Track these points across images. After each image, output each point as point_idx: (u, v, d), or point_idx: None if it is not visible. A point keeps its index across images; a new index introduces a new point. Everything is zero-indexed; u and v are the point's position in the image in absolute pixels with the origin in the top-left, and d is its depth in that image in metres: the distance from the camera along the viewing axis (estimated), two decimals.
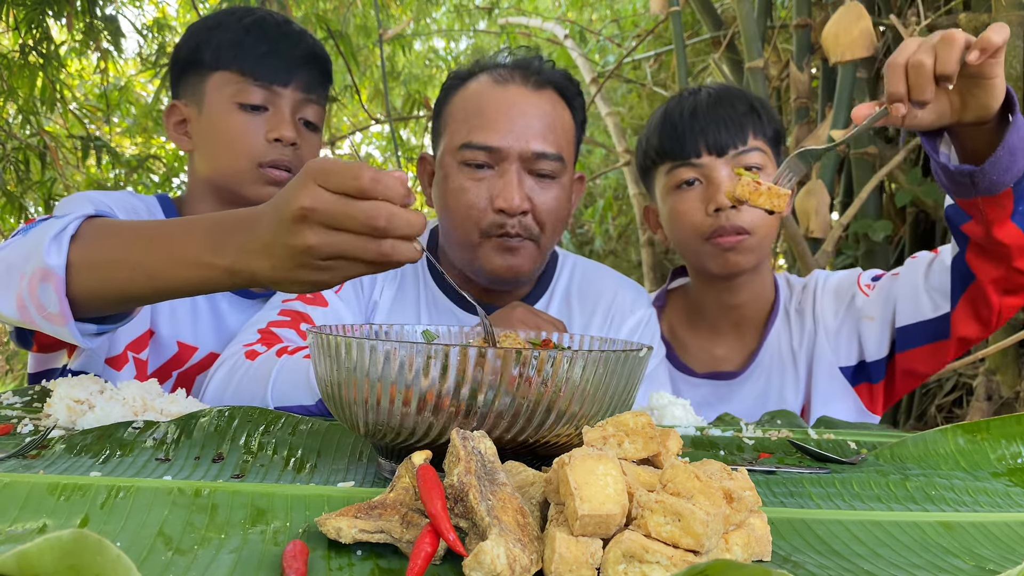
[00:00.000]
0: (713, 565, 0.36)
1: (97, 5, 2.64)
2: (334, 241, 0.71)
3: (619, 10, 4.46)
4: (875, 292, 1.34)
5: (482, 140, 1.18)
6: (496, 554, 0.44)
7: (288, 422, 0.80)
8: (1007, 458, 0.80)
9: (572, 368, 0.61)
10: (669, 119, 1.35)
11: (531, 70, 1.23)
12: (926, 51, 0.92)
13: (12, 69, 2.59)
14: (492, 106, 1.20)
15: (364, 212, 0.69)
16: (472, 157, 1.19)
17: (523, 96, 1.20)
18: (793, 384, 1.41)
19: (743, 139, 1.31)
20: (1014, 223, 1.07)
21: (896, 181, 2.48)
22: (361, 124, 4.87)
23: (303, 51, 1.28)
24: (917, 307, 1.26)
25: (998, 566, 0.54)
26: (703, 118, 1.31)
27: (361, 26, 3.84)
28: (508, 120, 1.18)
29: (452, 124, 1.23)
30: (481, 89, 1.22)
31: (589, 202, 4.57)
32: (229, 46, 1.25)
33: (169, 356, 1.28)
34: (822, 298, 1.40)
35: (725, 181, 1.29)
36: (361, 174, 0.70)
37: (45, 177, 2.87)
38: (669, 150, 1.34)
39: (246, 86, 1.24)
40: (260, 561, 0.48)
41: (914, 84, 0.92)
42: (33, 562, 0.34)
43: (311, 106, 1.29)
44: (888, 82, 0.93)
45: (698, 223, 1.31)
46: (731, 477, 0.52)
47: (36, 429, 0.79)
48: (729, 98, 1.35)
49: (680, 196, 1.34)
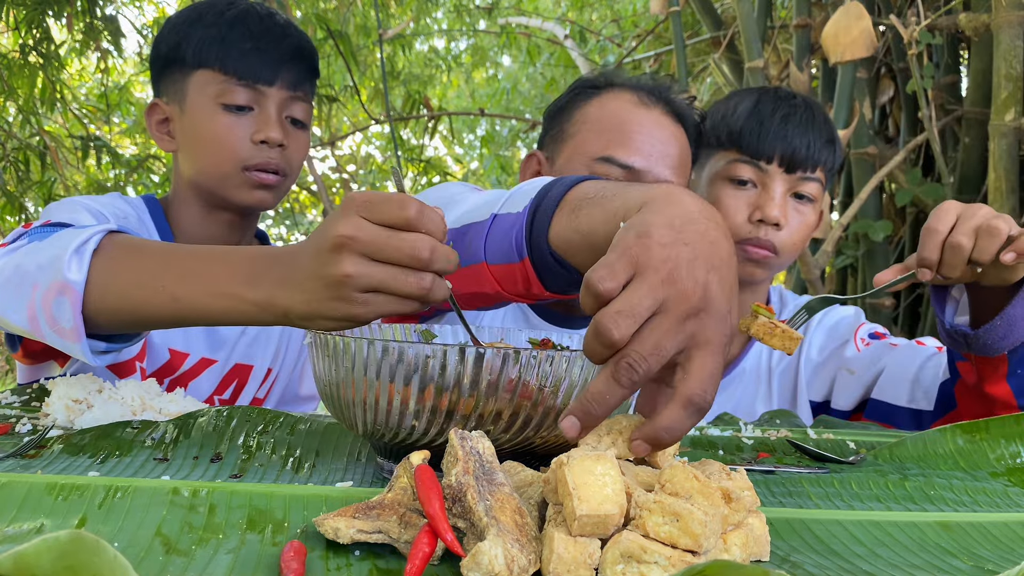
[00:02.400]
0: (712, 565, 0.36)
1: (97, 5, 2.64)
2: (373, 272, 0.68)
3: (619, 10, 4.46)
4: (867, 351, 1.34)
5: (623, 157, 1.19)
6: (494, 554, 0.44)
7: (287, 422, 0.80)
8: (1006, 458, 0.80)
9: (571, 368, 0.61)
10: (759, 114, 1.30)
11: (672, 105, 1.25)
12: (967, 234, 0.93)
13: (12, 69, 2.59)
14: (639, 128, 1.21)
15: (409, 243, 0.67)
16: (606, 172, 1.19)
17: (666, 126, 1.23)
18: (764, 402, 1.42)
19: (814, 166, 1.29)
20: (1008, 384, 1.07)
21: (896, 181, 2.48)
22: (361, 124, 4.87)
23: (289, 47, 1.22)
24: (896, 391, 1.27)
25: (997, 566, 0.54)
26: (792, 130, 1.29)
27: (361, 26, 3.84)
28: (651, 144, 1.20)
29: (584, 132, 1.24)
30: (626, 107, 1.23)
31: None
32: (211, 43, 1.19)
33: (162, 363, 1.25)
34: (816, 330, 1.40)
35: (779, 198, 1.28)
36: (408, 205, 0.67)
37: (45, 177, 2.87)
38: (746, 144, 1.30)
39: (230, 86, 1.19)
40: (258, 561, 0.48)
41: (947, 261, 0.94)
42: (30, 563, 0.34)
43: (299, 103, 1.24)
44: (923, 247, 0.95)
45: (738, 224, 1.29)
46: (729, 477, 0.52)
47: (34, 428, 0.79)
48: (819, 121, 1.32)
49: (729, 191, 1.31)
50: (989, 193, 2.03)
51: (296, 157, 1.24)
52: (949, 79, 2.45)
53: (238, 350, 1.33)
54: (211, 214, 1.26)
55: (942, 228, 0.94)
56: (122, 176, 3.29)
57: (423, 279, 0.68)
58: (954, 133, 2.46)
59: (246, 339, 1.33)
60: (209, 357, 1.29)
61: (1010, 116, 1.98)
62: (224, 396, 1.32)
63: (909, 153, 2.37)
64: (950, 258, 0.94)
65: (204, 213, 1.26)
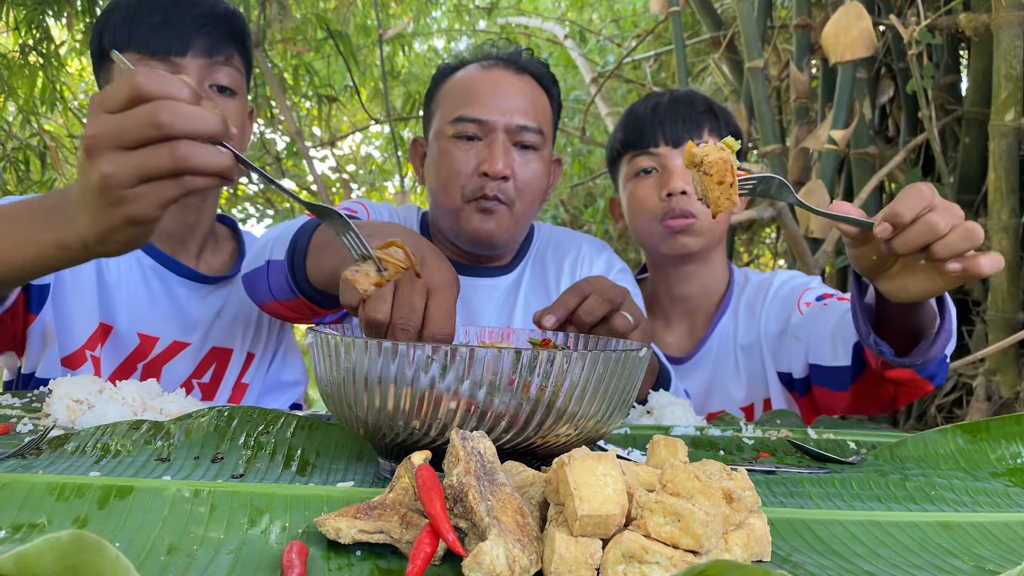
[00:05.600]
0: (713, 565, 0.36)
1: (97, 5, 2.64)
2: (127, 162, 0.65)
3: (619, 10, 4.46)
4: (808, 314, 1.37)
5: (472, 113, 1.29)
6: (495, 554, 0.44)
7: (287, 422, 0.80)
8: (1007, 458, 0.80)
9: (572, 368, 0.61)
10: (633, 114, 1.49)
11: (513, 59, 1.37)
12: (945, 219, 0.83)
13: (12, 69, 2.59)
14: (480, 86, 1.32)
15: (144, 114, 0.64)
16: (463, 129, 1.29)
17: (507, 78, 1.33)
18: (735, 378, 1.47)
19: (698, 134, 1.42)
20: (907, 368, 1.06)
21: (896, 181, 2.48)
22: (361, 124, 4.87)
23: (200, 14, 1.21)
24: (821, 350, 1.28)
25: (998, 566, 0.54)
26: (663, 113, 1.45)
27: (361, 26, 3.84)
28: (495, 97, 1.30)
29: (444, 105, 1.34)
30: (469, 73, 1.35)
31: (589, 202, 4.56)
32: (121, 25, 1.20)
33: (132, 349, 1.27)
34: (771, 303, 1.46)
35: (678, 170, 1.41)
36: (133, 75, 0.64)
37: (45, 177, 2.87)
38: (631, 141, 1.47)
39: (144, 62, 1.19)
40: (259, 561, 0.48)
41: (911, 235, 0.84)
42: (32, 563, 0.34)
43: (220, 69, 1.22)
44: (901, 203, 0.84)
45: (652, 207, 1.44)
46: (731, 477, 0.52)
47: (35, 428, 0.79)
48: (689, 98, 1.47)
49: (638, 183, 1.46)
50: (989, 193, 2.03)
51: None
52: (949, 79, 2.45)
53: (214, 334, 1.34)
54: None
55: (925, 197, 0.85)
56: None
57: (176, 148, 0.65)
58: (954, 133, 2.45)
59: (221, 323, 1.35)
60: (181, 340, 1.30)
61: (1010, 116, 1.98)
62: (203, 380, 1.33)
63: (909, 153, 2.37)
64: (915, 234, 0.84)
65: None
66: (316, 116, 4.60)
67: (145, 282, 1.30)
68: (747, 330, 1.48)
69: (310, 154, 4.02)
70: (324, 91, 3.58)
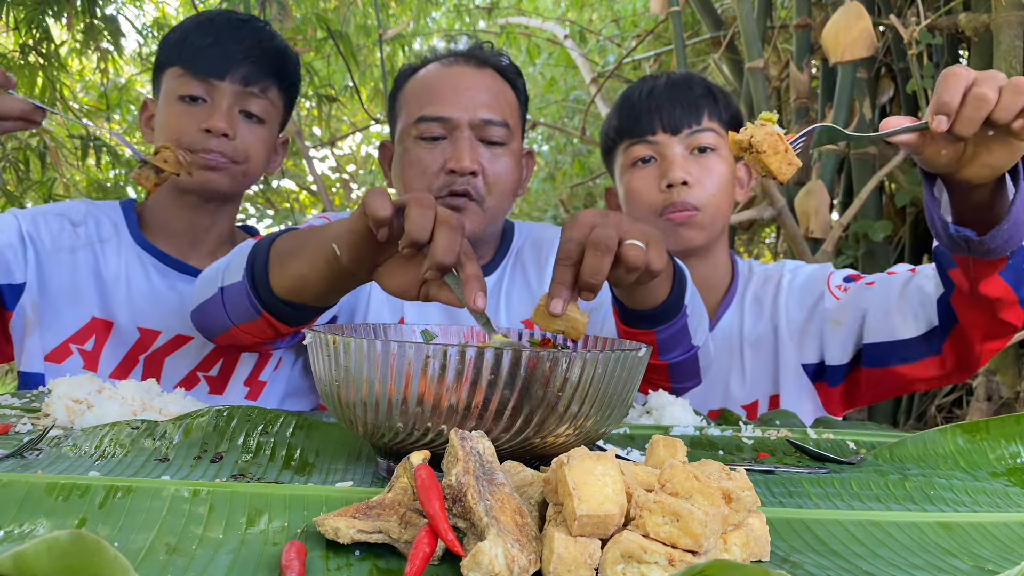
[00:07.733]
0: (712, 565, 0.36)
1: (97, 5, 2.64)
2: None
3: (619, 10, 4.46)
4: (846, 297, 1.32)
5: (435, 112, 1.26)
6: (494, 554, 0.44)
7: (287, 421, 0.80)
8: (1006, 458, 0.80)
9: (571, 368, 0.61)
10: (628, 100, 1.40)
11: (473, 54, 1.34)
12: (991, 87, 0.82)
13: (12, 69, 2.58)
14: (442, 83, 1.29)
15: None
16: (427, 129, 1.27)
17: (468, 73, 1.30)
18: (739, 374, 1.40)
19: (698, 119, 1.34)
20: (1001, 278, 1.03)
21: (896, 181, 2.48)
22: (361, 124, 4.87)
23: (246, 46, 1.30)
24: (888, 327, 1.24)
25: (997, 566, 0.54)
26: (659, 98, 1.36)
27: (361, 26, 3.84)
28: (456, 93, 1.27)
29: (407, 106, 1.31)
30: (430, 72, 1.32)
31: (589, 202, 4.56)
32: (177, 43, 1.31)
33: (132, 342, 1.31)
34: (788, 293, 1.39)
35: (678, 159, 1.33)
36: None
37: (45, 177, 2.87)
38: (627, 128, 1.39)
39: (186, 79, 1.29)
40: (258, 561, 0.48)
41: (966, 115, 0.82)
42: (30, 563, 0.34)
43: (253, 99, 1.32)
44: (943, 91, 0.83)
45: (652, 199, 1.36)
46: (729, 477, 0.52)
47: (34, 428, 0.79)
48: (687, 82, 1.39)
49: (635, 173, 1.38)
50: None
51: (247, 147, 1.32)
52: None
53: None
54: (178, 199, 1.34)
55: (964, 76, 0.83)
56: (122, 176, 3.29)
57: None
58: None
59: None
60: (184, 335, 1.33)
61: None
62: (210, 373, 1.35)
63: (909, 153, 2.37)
64: (971, 111, 0.82)
65: (172, 199, 1.35)
66: (316, 116, 4.60)
67: (147, 278, 1.34)
68: (756, 323, 1.41)
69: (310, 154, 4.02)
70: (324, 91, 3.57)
